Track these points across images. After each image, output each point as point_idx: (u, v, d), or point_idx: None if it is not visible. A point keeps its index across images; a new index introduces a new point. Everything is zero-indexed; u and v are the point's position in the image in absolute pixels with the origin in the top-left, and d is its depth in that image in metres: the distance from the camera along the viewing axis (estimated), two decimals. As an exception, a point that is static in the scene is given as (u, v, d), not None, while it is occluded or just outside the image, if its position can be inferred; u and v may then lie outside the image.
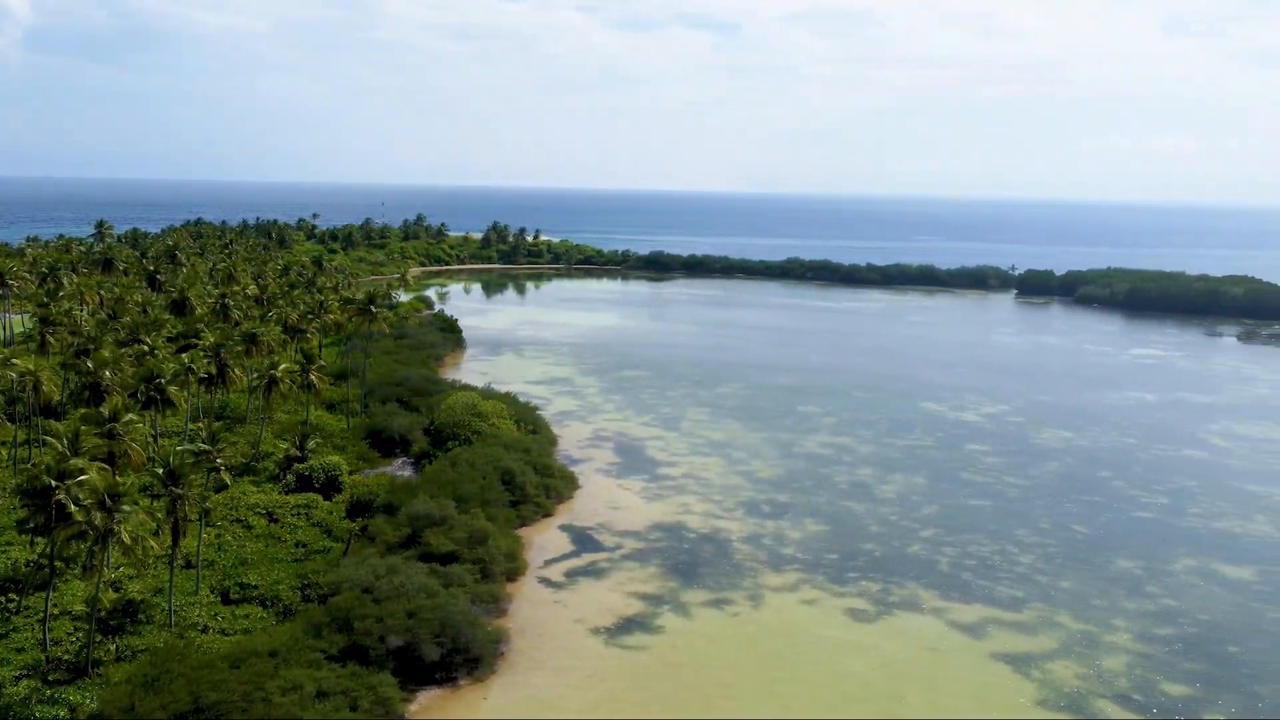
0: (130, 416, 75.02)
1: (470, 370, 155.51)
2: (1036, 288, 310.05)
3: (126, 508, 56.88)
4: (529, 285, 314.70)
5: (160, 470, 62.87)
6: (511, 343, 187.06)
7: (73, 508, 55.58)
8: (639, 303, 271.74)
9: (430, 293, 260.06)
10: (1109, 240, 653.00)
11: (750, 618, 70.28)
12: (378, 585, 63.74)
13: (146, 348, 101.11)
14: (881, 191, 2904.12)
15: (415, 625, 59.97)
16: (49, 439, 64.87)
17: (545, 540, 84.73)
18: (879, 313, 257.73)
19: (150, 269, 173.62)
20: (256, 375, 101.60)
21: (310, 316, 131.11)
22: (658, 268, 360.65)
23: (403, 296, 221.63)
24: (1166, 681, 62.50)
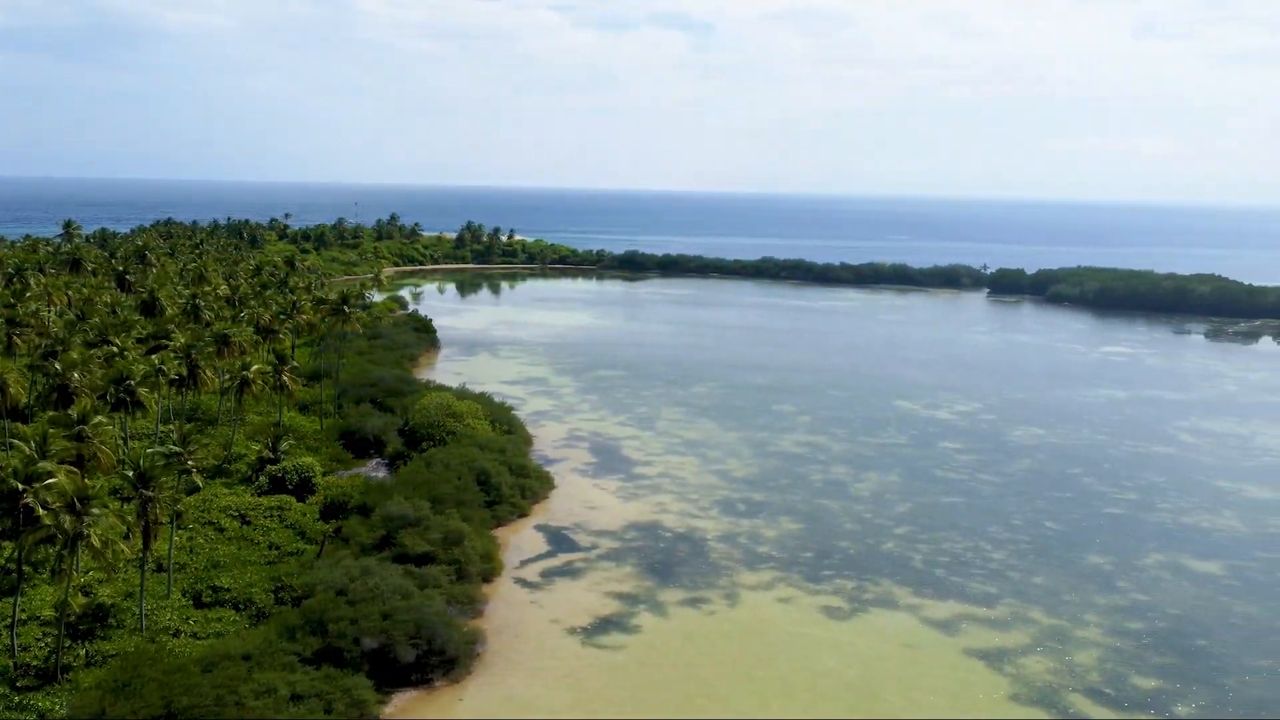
0: (99, 419, 74.22)
1: (445, 370, 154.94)
2: (1008, 286, 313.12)
3: (96, 511, 56.25)
4: (503, 285, 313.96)
5: (130, 473, 62.24)
6: (486, 343, 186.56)
7: (41, 511, 54.87)
8: (614, 302, 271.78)
9: (404, 293, 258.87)
10: (1080, 239, 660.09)
11: (726, 616, 70.51)
12: (352, 587, 63.37)
13: (116, 349, 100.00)
14: (856, 191, 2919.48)
15: (390, 627, 59.70)
16: (16, 442, 64.04)
17: (521, 540, 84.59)
18: (853, 311, 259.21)
19: (119, 269, 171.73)
20: (228, 376, 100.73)
21: (283, 317, 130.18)
22: (633, 267, 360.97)
23: (376, 297, 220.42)
24: (1136, 675, 63.32)
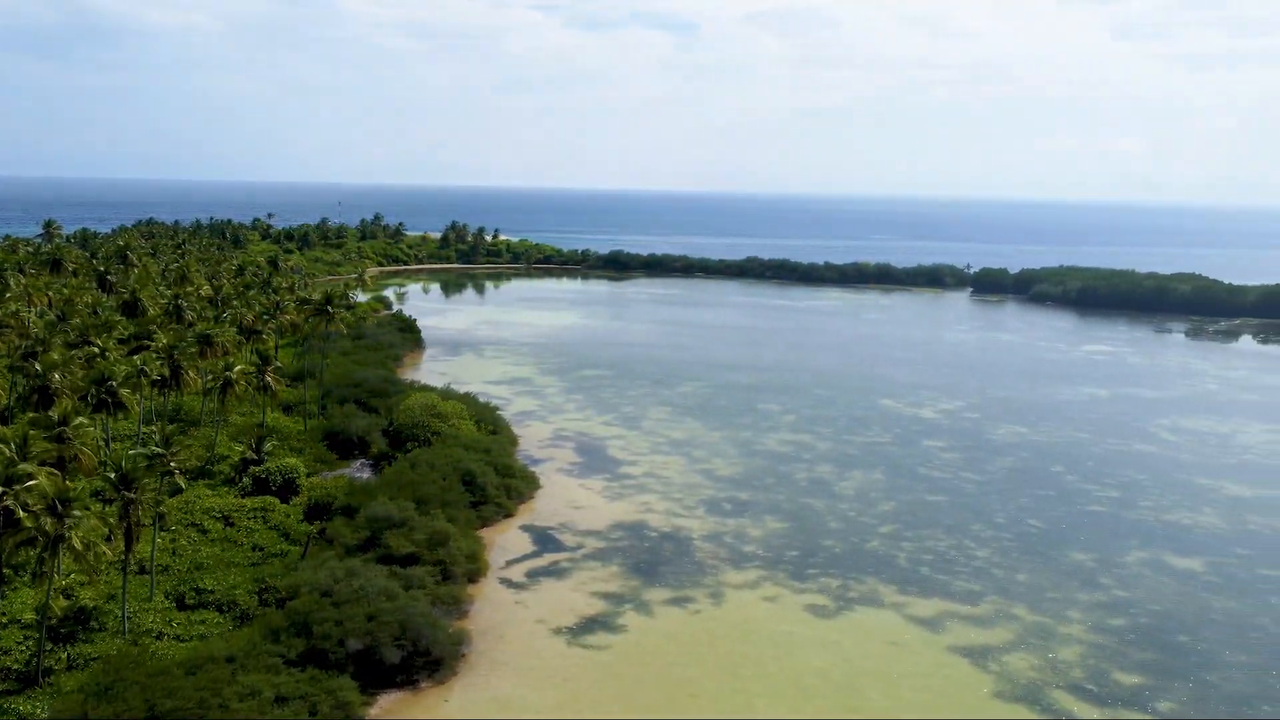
0: (81, 420, 73.73)
1: (429, 371, 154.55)
2: (991, 286, 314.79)
3: (77, 513, 55.87)
4: (488, 285, 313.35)
5: (112, 474, 61.82)
6: (471, 343, 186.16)
7: (21, 514, 54.49)
8: (599, 302, 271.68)
9: (388, 293, 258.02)
10: (1061, 239, 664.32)
11: (712, 615, 70.62)
12: (337, 588, 63.13)
13: (97, 350, 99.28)
14: (839, 191, 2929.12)
15: (375, 628, 59.50)
16: (-4, 444, 63.43)
17: (506, 541, 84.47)
18: (837, 311, 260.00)
19: (100, 269, 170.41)
20: (211, 377, 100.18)
21: (266, 317, 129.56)
22: (617, 267, 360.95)
23: (360, 297, 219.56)
24: (1119, 671, 63.78)
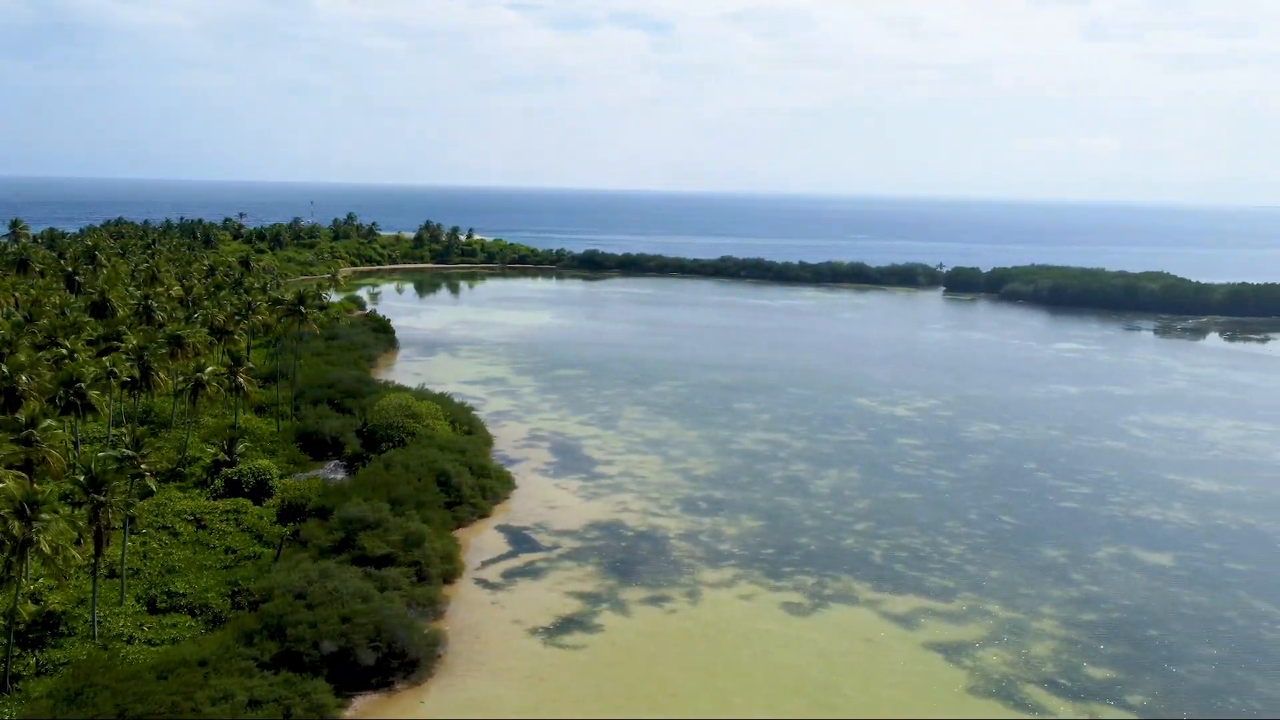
0: (49, 422, 72.79)
1: (404, 371, 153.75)
2: (964, 285, 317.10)
3: (46, 516, 55.16)
4: (463, 285, 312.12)
5: (81, 477, 61.13)
6: (445, 343, 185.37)
7: (-12, 517, 53.69)
8: (574, 302, 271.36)
9: (362, 293, 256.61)
10: (1033, 238, 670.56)
11: (688, 614, 70.71)
12: (311, 590, 62.69)
13: (65, 351, 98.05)
14: (814, 191, 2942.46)
15: (350, 630, 59.13)
16: (-38, 447, 62.53)
17: (482, 541, 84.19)
18: (812, 310, 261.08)
19: (68, 270, 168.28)
20: (182, 378, 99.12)
21: (238, 318, 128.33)
22: (593, 266, 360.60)
23: (334, 297, 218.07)
24: (1090, 665, 64.48)
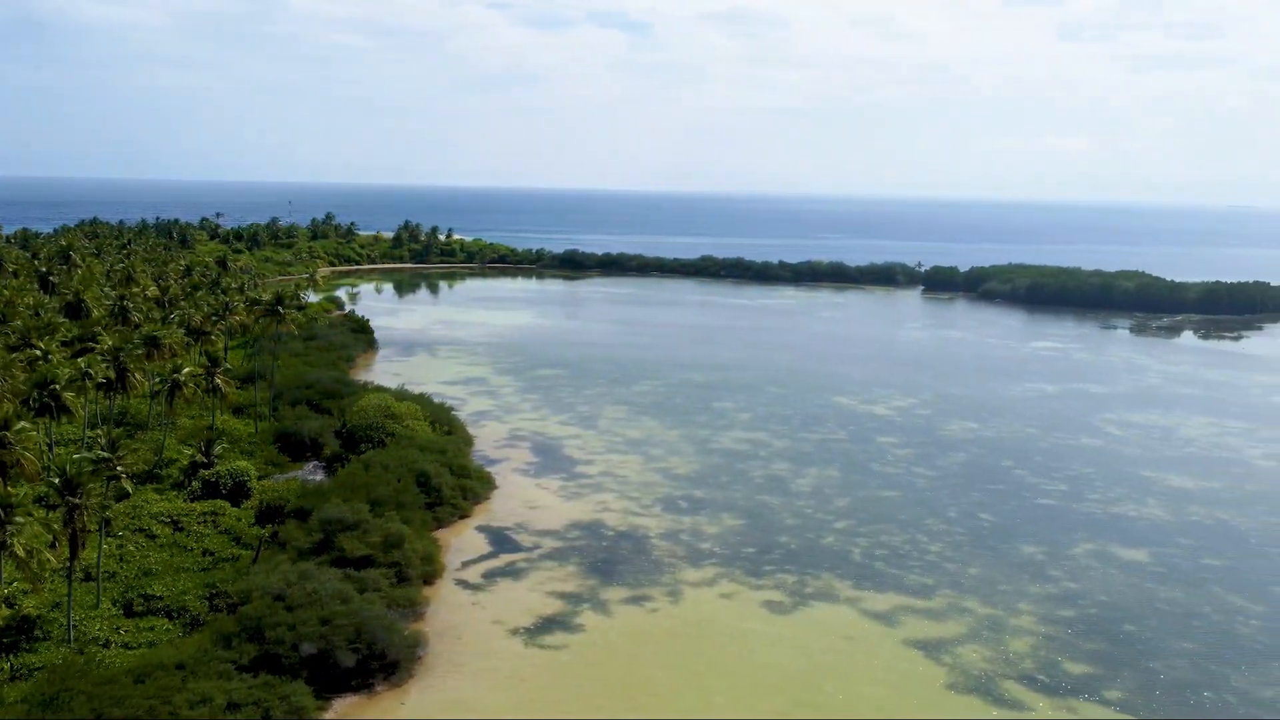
0: (23, 424, 71.89)
1: (383, 371, 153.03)
2: (942, 284, 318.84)
3: (20, 519, 54.59)
4: (442, 285, 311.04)
5: (56, 479, 60.47)
6: (425, 343, 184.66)
7: (-39, 521, 53.06)
8: (554, 301, 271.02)
9: (340, 293, 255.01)
10: (1009, 237, 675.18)
11: (670, 613, 70.78)
12: (290, 592, 62.30)
13: (39, 352, 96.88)
14: (791, 190, 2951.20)
15: (329, 632, 58.81)
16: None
17: (462, 542, 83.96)
18: (791, 309, 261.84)
19: (42, 270, 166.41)
20: (158, 380, 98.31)
21: (215, 318, 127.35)
22: (573, 266, 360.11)
23: (312, 297, 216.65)
24: (1068, 661, 65.03)
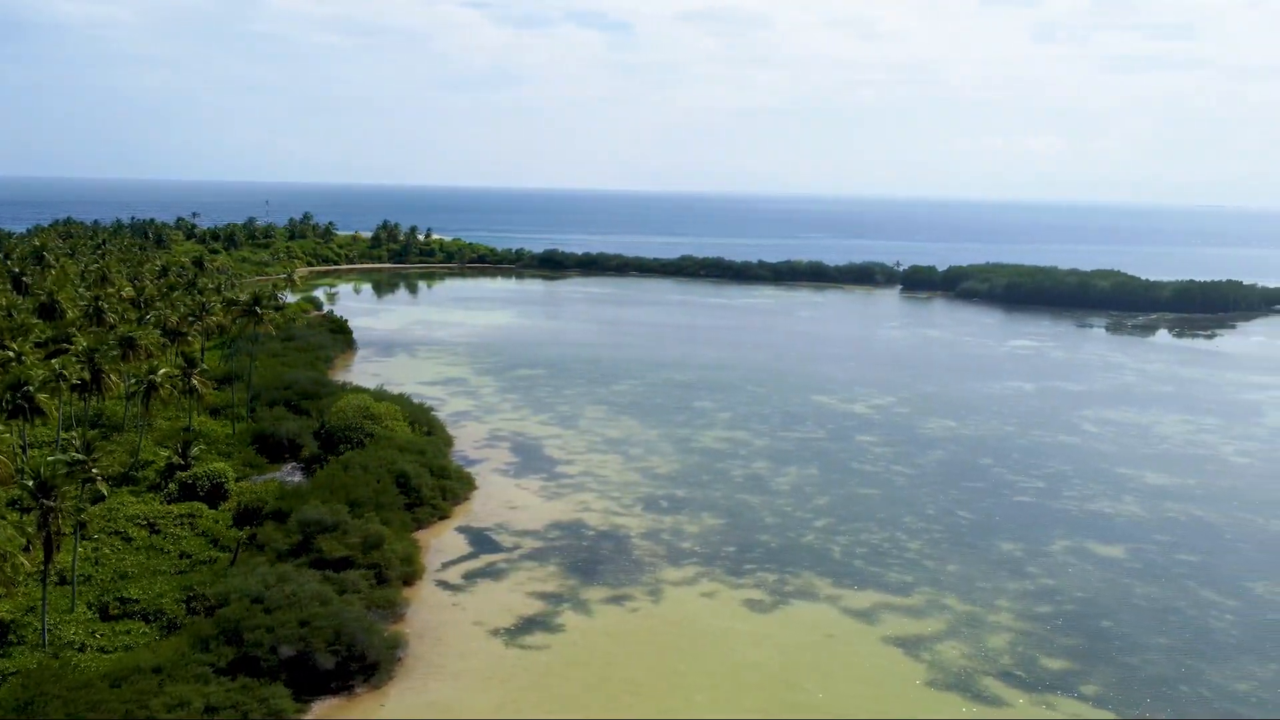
0: (-4, 427, 71.12)
1: (362, 372, 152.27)
2: (920, 283, 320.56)
3: (-7, 523, 53.93)
4: (421, 285, 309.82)
5: (30, 482, 59.80)
6: (404, 343, 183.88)
7: (-67, 525, 52.39)
8: (534, 301, 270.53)
9: (319, 293, 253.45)
10: (986, 237, 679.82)
11: (650, 612, 70.82)
12: (268, 594, 61.91)
13: (12, 354, 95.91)
14: (770, 190, 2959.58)
15: (309, 634, 58.48)
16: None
17: (442, 543, 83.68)
18: (770, 309, 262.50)
19: (15, 271, 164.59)
20: (134, 381, 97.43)
21: (191, 319, 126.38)
22: (552, 266, 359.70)
23: (290, 297, 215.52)
24: (1046, 657, 65.55)
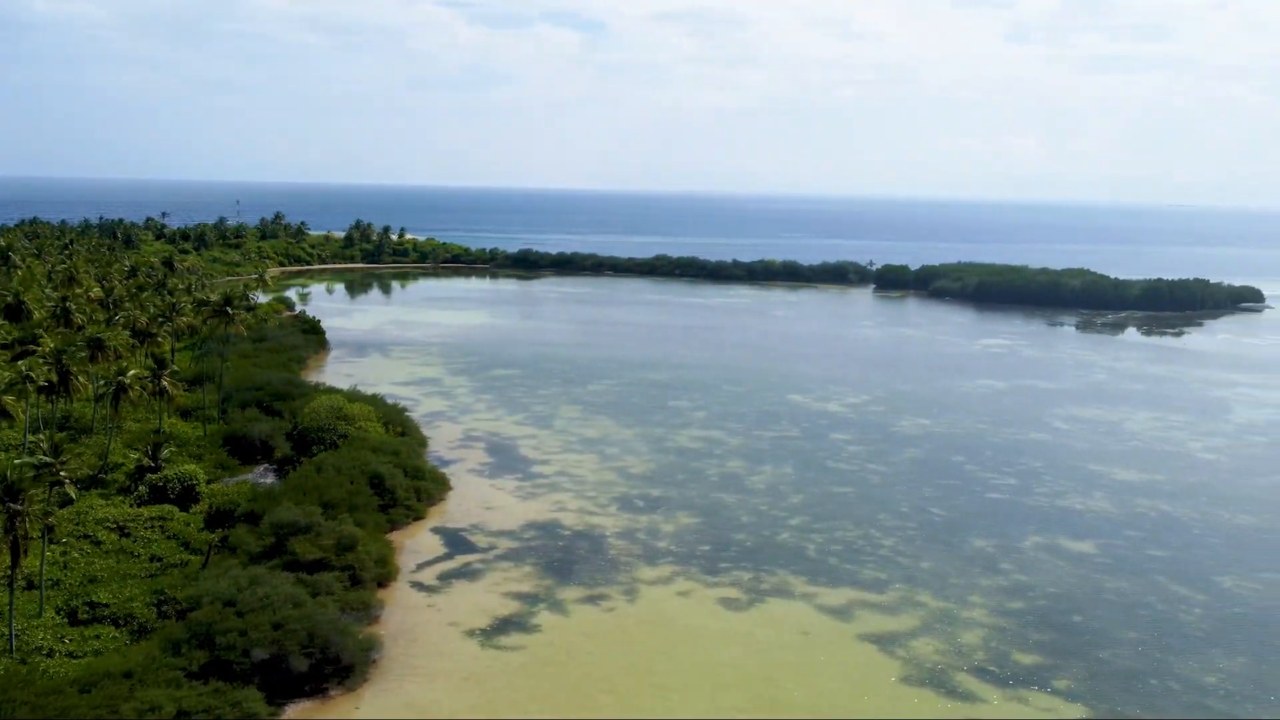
0: (-39, 429, 70.03)
1: (335, 372, 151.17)
2: (893, 282, 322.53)
3: (-41, 527, 53.10)
4: (395, 285, 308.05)
5: (-4, 486, 58.82)
6: (377, 343, 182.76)
7: (-104, 529, 51.52)
8: (508, 301, 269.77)
9: (291, 293, 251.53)
10: (959, 236, 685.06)
11: (626, 612, 70.82)
12: (241, 597, 61.34)
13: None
14: (745, 189, 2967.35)
15: (282, 637, 58.01)
16: None
17: (417, 544, 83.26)
18: (745, 308, 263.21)
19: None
20: (103, 382, 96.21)
21: (161, 320, 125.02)
22: (527, 265, 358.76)
23: (261, 298, 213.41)
24: (1018, 652, 66.15)
